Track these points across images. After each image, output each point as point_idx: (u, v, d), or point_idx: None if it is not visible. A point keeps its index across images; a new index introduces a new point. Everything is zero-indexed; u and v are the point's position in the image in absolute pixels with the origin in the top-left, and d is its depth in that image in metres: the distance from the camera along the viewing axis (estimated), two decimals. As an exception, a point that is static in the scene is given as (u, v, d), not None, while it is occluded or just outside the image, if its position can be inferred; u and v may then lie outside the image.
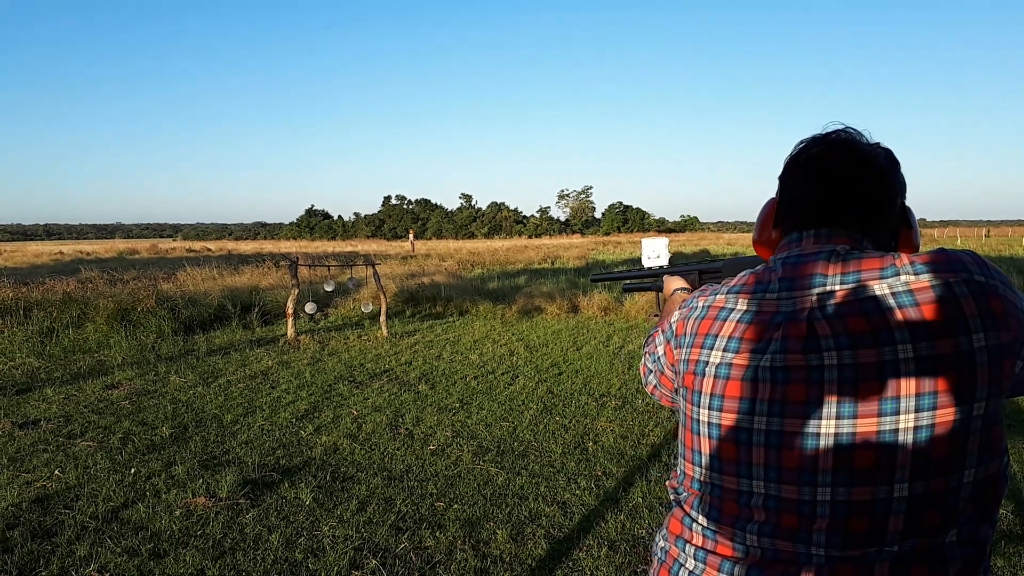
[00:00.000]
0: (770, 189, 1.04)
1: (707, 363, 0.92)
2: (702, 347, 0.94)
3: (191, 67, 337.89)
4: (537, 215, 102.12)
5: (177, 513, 3.33)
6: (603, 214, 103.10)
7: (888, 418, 0.77)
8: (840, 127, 0.95)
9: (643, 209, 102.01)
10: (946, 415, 0.76)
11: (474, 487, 3.67)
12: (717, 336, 0.92)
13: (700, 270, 1.45)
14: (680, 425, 0.99)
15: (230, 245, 50.15)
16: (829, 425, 0.80)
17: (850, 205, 0.91)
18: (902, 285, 0.80)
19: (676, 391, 1.03)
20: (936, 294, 0.78)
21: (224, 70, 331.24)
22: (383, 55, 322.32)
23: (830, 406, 0.80)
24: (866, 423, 0.78)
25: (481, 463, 4.03)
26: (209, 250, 38.56)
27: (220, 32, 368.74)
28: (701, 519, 0.92)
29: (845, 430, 0.79)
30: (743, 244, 38.83)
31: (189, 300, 10.00)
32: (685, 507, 0.96)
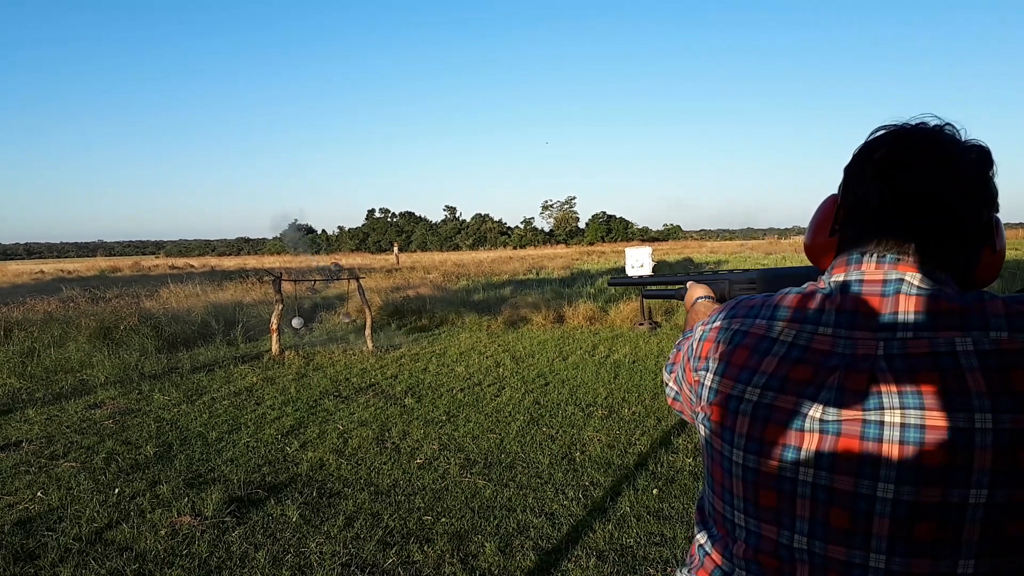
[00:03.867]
0: (749, 197, 0.94)
1: (742, 399, 0.81)
2: (737, 380, 0.82)
3: (172, 84, 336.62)
4: (521, 226, 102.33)
5: (162, 533, 3.31)
6: (587, 224, 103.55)
7: (956, 490, 0.67)
8: (933, 119, 0.79)
9: (626, 218, 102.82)
10: None
11: (461, 500, 3.68)
12: (756, 371, 0.80)
13: (731, 280, 1.40)
14: (706, 455, 0.89)
15: (213, 261, 49.83)
16: (887, 489, 0.70)
17: (924, 219, 0.77)
18: (990, 343, 0.68)
19: (696, 413, 0.94)
20: None
21: (204, 86, 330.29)
22: (364, 69, 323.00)
23: (889, 468, 0.70)
24: (930, 492, 0.68)
25: (468, 476, 4.03)
26: (192, 266, 38.30)
27: (198, 48, 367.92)
28: (738, 572, 0.82)
29: (905, 497, 0.69)
30: (725, 252, 39.12)
31: (172, 317, 9.94)
32: (716, 552, 0.86)
